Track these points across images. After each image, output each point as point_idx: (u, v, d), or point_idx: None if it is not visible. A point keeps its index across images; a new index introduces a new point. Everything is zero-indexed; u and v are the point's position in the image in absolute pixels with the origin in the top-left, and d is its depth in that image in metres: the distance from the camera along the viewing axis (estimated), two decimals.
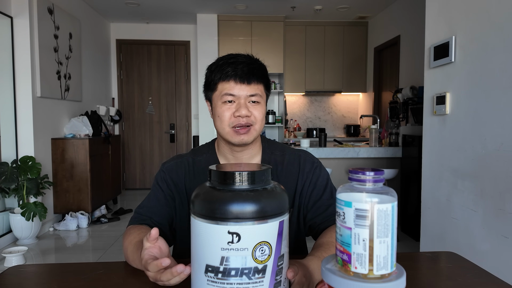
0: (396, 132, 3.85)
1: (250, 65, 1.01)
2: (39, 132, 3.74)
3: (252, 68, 1.01)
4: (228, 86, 1.00)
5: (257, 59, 1.07)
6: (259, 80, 1.02)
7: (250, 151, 1.09)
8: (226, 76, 1.00)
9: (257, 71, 1.02)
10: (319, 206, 1.05)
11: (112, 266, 0.90)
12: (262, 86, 1.04)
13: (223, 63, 1.02)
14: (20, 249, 2.96)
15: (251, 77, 1.00)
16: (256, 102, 1.02)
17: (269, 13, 5.44)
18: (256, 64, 1.03)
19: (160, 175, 1.10)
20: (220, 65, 1.02)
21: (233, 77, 1.00)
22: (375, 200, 0.46)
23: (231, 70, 1.00)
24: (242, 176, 0.59)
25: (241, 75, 0.99)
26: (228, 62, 1.01)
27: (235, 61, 1.01)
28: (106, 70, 5.76)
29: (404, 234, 3.65)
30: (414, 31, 4.38)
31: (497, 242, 1.87)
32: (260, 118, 1.03)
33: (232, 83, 1.00)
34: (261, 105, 1.03)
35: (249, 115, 1.00)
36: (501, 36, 1.84)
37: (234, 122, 1.01)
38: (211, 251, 0.56)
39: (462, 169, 2.15)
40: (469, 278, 0.84)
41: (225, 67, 1.01)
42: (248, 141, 1.02)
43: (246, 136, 1.02)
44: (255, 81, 1.01)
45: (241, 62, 1.01)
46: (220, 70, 1.01)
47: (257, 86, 1.02)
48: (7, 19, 3.48)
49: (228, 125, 1.01)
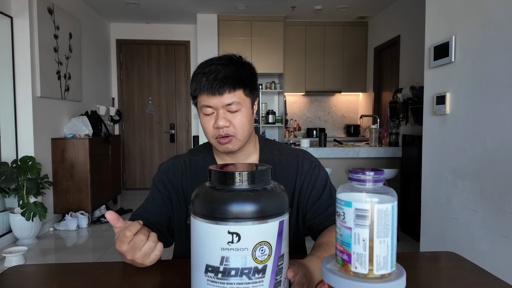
0: (396, 132, 3.85)
1: (222, 72, 0.95)
2: (39, 132, 3.74)
3: (224, 76, 0.94)
4: (204, 98, 0.97)
5: (239, 59, 1.01)
6: (233, 87, 0.96)
7: (244, 152, 1.08)
8: (200, 89, 0.96)
9: (229, 78, 0.95)
10: (318, 206, 1.04)
11: (112, 266, 0.90)
12: (240, 92, 0.97)
13: (198, 73, 0.98)
14: (20, 249, 2.96)
15: (224, 86, 0.94)
16: (236, 111, 0.98)
17: (269, 13, 5.44)
18: (231, 69, 0.96)
19: (157, 176, 1.11)
20: (195, 75, 0.99)
21: (205, 89, 0.95)
22: (375, 200, 0.46)
23: (204, 81, 0.95)
24: (242, 176, 0.59)
25: (212, 86, 0.94)
26: (203, 72, 0.97)
27: (208, 70, 0.96)
28: (106, 70, 5.76)
29: (404, 234, 3.65)
30: (414, 31, 4.38)
31: (497, 242, 1.87)
32: (240, 127, 0.98)
33: (205, 95, 0.96)
34: (241, 112, 0.98)
35: (228, 125, 0.97)
36: (501, 36, 1.84)
37: (215, 134, 0.99)
38: (211, 251, 0.56)
39: (462, 169, 2.15)
40: (469, 278, 0.84)
41: (200, 77, 0.97)
42: (233, 149, 1.01)
43: (230, 145, 1.00)
44: (229, 89, 0.95)
45: (214, 71, 0.95)
46: (195, 80, 0.98)
47: (232, 94, 0.96)
48: (7, 19, 3.48)
49: (211, 137, 1.01)
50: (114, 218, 0.79)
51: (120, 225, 0.81)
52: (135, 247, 0.77)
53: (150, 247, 0.78)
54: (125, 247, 0.78)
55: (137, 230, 0.79)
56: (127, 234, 0.77)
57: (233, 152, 1.03)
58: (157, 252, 0.79)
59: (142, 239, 0.77)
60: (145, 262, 0.79)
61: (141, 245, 0.77)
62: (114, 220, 0.80)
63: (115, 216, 0.80)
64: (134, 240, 0.77)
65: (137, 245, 0.77)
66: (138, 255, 0.78)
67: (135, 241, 0.77)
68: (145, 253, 0.78)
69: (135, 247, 0.77)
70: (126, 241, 0.77)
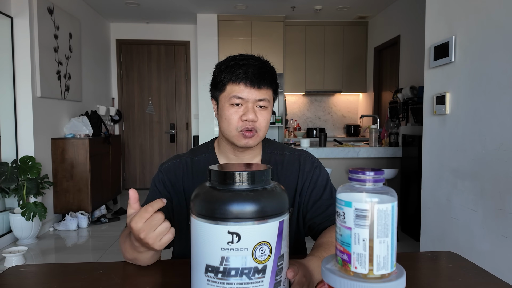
0: (396, 132, 3.85)
1: (261, 69, 0.99)
2: (39, 132, 3.74)
3: (263, 72, 0.99)
4: (237, 89, 0.98)
5: (268, 62, 1.05)
6: (269, 85, 1.01)
7: (252, 151, 1.09)
8: (236, 78, 0.98)
9: (267, 75, 1.00)
10: (318, 206, 1.05)
11: (112, 266, 0.90)
12: (271, 91, 1.02)
13: (234, 64, 0.99)
14: (20, 249, 2.96)
15: (262, 82, 0.98)
16: (264, 107, 1.01)
17: (269, 13, 5.44)
18: (267, 68, 1.01)
19: (158, 176, 1.10)
20: (230, 66, 0.99)
21: (243, 80, 0.97)
22: (375, 200, 0.46)
23: (242, 72, 0.97)
24: (242, 176, 0.59)
25: (251, 79, 0.97)
26: (239, 64, 0.99)
27: (246, 63, 0.98)
28: (106, 70, 5.76)
29: (404, 234, 3.65)
30: (414, 31, 4.38)
31: (497, 242, 1.87)
32: (265, 124, 1.02)
33: (242, 86, 0.98)
34: (268, 110, 1.02)
35: (256, 120, 0.99)
36: (501, 36, 1.84)
37: (241, 126, 1.00)
38: (211, 251, 0.56)
39: (462, 169, 2.15)
40: (469, 278, 0.84)
41: (236, 68, 0.98)
42: (252, 145, 1.02)
43: (251, 140, 1.01)
44: (265, 85, 0.99)
45: (253, 65, 0.98)
46: (230, 71, 0.99)
47: (266, 91, 1.00)
48: (7, 19, 3.48)
49: (235, 129, 1.00)
50: (136, 197, 0.79)
51: (136, 206, 0.79)
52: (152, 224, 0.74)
53: (166, 228, 0.75)
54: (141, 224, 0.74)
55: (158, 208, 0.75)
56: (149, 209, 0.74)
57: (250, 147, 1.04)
58: (170, 235, 0.75)
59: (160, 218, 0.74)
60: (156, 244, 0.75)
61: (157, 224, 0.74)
62: (135, 199, 0.79)
63: (137, 195, 0.79)
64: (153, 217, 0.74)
65: (154, 223, 0.74)
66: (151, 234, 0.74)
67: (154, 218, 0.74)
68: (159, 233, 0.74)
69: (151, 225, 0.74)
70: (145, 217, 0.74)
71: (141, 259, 0.87)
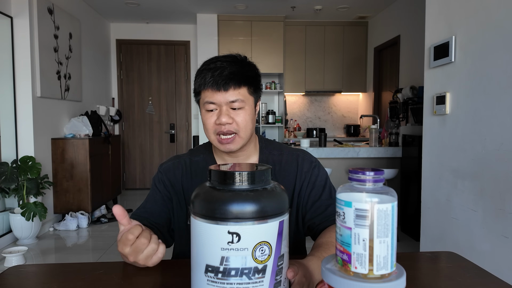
0: (396, 132, 3.85)
1: (228, 68, 0.96)
2: (39, 132, 3.74)
3: (230, 73, 0.96)
4: (208, 94, 0.98)
5: (244, 59, 1.02)
6: (238, 84, 0.97)
7: (245, 152, 1.08)
8: (204, 84, 0.97)
9: (235, 75, 0.96)
10: (318, 206, 1.04)
11: (112, 266, 0.90)
12: (244, 89, 0.99)
13: (203, 69, 0.99)
14: (20, 249, 2.96)
15: (229, 82, 0.96)
16: (239, 108, 0.98)
17: (269, 13, 5.44)
18: (236, 67, 0.98)
19: (158, 176, 1.11)
20: (200, 71, 1.00)
21: (210, 84, 0.96)
22: (375, 200, 0.46)
23: (209, 77, 0.96)
24: (242, 176, 0.59)
25: (217, 82, 0.95)
26: (207, 68, 0.98)
27: (214, 67, 0.97)
28: (106, 70, 5.76)
29: (404, 234, 3.65)
30: (414, 31, 4.38)
31: (497, 242, 1.87)
32: (244, 124, 0.99)
33: (210, 90, 0.97)
34: (244, 110, 0.99)
35: (231, 122, 0.98)
36: (501, 36, 1.84)
37: (217, 130, 0.99)
38: (211, 251, 0.56)
39: (462, 169, 2.15)
40: (469, 278, 0.84)
41: (204, 73, 0.98)
42: (234, 149, 1.01)
43: (232, 145, 1.00)
44: (234, 86, 0.96)
45: (219, 68, 0.96)
46: (199, 77, 0.99)
47: (237, 91, 0.97)
48: (7, 19, 3.48)
49: (212, 133, 1.01)
50: (121, 213, 0.80)
51: (125, 221, 0.81)
52: (137, 250, 0.78)
53: (152, 250, 0.79)
54: (127, 249, 0.78)
55: (139, 233, 0.79)
56: (129, 238, 0.78)
57: (234, 151, 1.03)
58: (159, 255, 0.80)
59: (144, 243, 0.78)
60: (147, 263, 0.80)
61: (143, 248, 0.78)
62: (121, 216, 0.80)
63: (122, 212, 0.80)
64: (136, 243, 0.78)
65: (139, 248, 0.78)
66: (140, 257, 0.79)
67: (137, 244, 0.78)
68: (147, 256, 0.79)
69: (137, 250, 0.78)
70: (128, 244, 0.78)
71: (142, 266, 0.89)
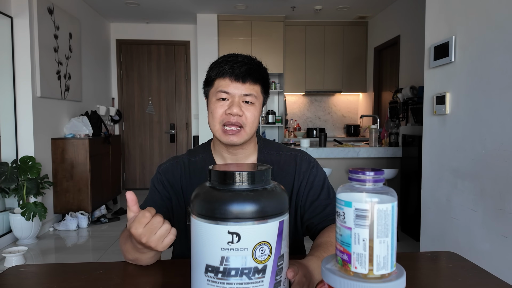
0: (396, 132, 3.85)
1: (248, 64, 1.01)
2: (39, 132, 3.74)
3: (249, 68, 1.00)
4: (223, 83, 1.01)
5: (258, 61, 1.07)
6: (255, 80, 1.02)
7: (245, 150, 1.08)
8: (222, 73, 1.01)
9: (254, 71, 1.01)
10: (316, 206, 1.04)
11: (112, 266, 0.90)
12: (258, 87, 1.03)
13: (222, 61, 1.03)
14: (20, 249, 2.96)
15: (247, 76, 1.00)
16: (250, 103, 1.01)
17: (269, 13, 5.44)
18: (254, 65, 1.03)
19: (156, 177, 1.11)
20: (219, 63, 1.03)
21: (228, 74, 1.00)
22: (375, 200, 0.46)
23: (228, 67, 1.00)
24: (242, 176, 0.59)
25: (237, 73, 0.99)
26: (227, 60, 1.02)
27: (234, 60, 1.01)
28: (106, 70, 5.76)
29: (404, 234, 3.65)
30: (414, 31, 4.38)
31: (497, 242, 1.87)
32: (252, 120, 1.02)
33: (228, 80, 1.00)
34: (255, 106, 1.02)
35: (241, 115, 1.00)
36: (501, 36, 1.84)
37: (224, 120, 1.00)
38: (211, 251, 0.56)
39: (462, 169, 2.15)
40: (469, 278, 0.84)
41: (223, 64, 1.01)
42: (237, 142, 1.02)
43: (236, 138, 1.01)
44: (251, 81, 1.01)
45: (239, 61, 1.01)
46: (218, 67, 1.02)
47: (252, 86, 1.01)
48: (7, 19, 3.48)
49: (219, 122, 1.01)
50: (134, 199, 0.78)
51: (135, 208, 0.79)
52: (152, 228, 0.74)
53: (166, 229, 0.75)
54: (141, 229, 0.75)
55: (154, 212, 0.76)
56: (146, 215, 0.74)
57: (237, 145, 1.03)
58: (171, 236, 0.76)
59: (159, 221, 0.75)
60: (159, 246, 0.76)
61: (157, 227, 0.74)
62: (133, 202, 0.78)
63: (134, 198, 0.79)
64: (152, 221, 0.74)
65: (154, 226, 0.74)
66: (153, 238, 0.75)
67: (153, 222, 0.74)
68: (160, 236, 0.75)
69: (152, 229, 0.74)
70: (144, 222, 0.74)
71: (143, 259, 0.88)
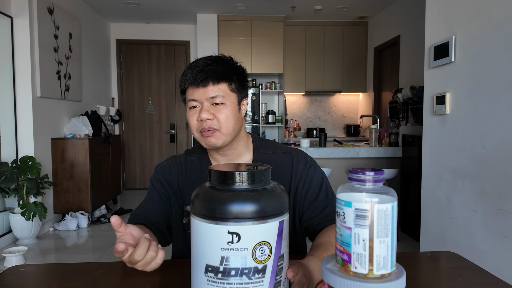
0: (396, 132, 3.85)
1: (207, 66, 0.99)
2: (39, 132, 3.74)
3: (209, 70, 0.98)
4: (190, 91, 1.01)
5: (229, 59, 1.04)
6: (217, 80, 0.98)
7: (234, 150, 1.08)
8: (186, 82, 1.01)
9: (213, 72, 0.98)
10: (315, 207, 1.04)
11: (112, 266, 0.90)
12: (224, 85, 1.00)
13: (185, 69, 1.02)
14: (20, 249, 2.96)
15: (207, 79, 0.97)
16: (221, 104, 0.99)
17: (269, 13, 5.44)
18: (216, 65, 1.00)
19: (154, 176, 1.12)
20: (184, 72, 1.03)
21: (189, 82, 0.99)
22: (375, 200, 0.46)
23: (190, 74, 0.99)
24: (242, 176, 0.59)
25: (196, 78, 0.98)
26: (189, 67, 1.01)
27: (194, 65, 1.00)
28: (106, 70, 5.76)
29: (404, 234, 3.65)
30: (414, 31, 4.38)
31: (497, 242, 1.87)
32: (225, 120, 0.99)
33: (191, 88, 1.00)
34: (225, 106, 0.99)
35: (211, 118, 0.98)
36: (501, 36, 1.84)
37: (199, 127, 1.00)
38: (211, 251, 0.56)
39: (462, 169, 2.15)
40: (469, 278, 0.84)
41: (187, 72, 1.01)
42: (216, 143, 1.01)
43: (213, 139, 1.00)
44: (212, 82, 0.98)
45: (199, 66, 0.99)
46: (183, 75, 1.02)
47: (217, 86, 0.98)
48: (7, 19, 3.48)
49: (196, 130, 1.02)
50: (118, 223, 0.80)
51: (122, 230, 0.82)
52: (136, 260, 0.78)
53: (151, 257, 0.79)
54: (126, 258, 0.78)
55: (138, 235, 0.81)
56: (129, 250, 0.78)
57: (218, 147, 1.03)
58: (158, 261, 0.80)
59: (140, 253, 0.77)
60: (147, 269, 0.81)
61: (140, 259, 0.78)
62: (118, 226, 0.80)
63: (119, 222, 0.80)
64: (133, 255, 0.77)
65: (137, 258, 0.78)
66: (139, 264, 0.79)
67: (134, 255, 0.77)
68: (145, 263, 0.79)
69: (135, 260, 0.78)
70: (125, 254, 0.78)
71: None
